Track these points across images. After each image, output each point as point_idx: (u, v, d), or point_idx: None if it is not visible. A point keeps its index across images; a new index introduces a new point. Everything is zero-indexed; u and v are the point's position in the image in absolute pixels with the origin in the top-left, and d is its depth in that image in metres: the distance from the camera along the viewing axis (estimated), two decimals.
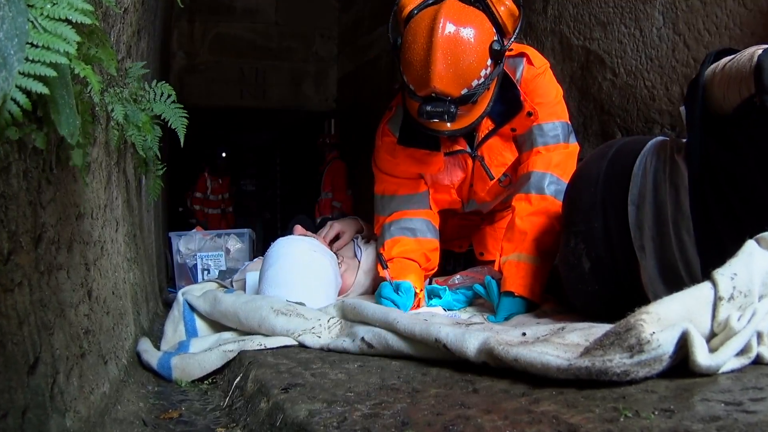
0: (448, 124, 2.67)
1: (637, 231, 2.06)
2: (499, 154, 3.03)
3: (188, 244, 4.79)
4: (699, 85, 1.95)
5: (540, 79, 2.92)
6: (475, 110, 2.72)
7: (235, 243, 4.86)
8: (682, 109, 2.11)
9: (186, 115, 2.13)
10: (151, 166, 2.55)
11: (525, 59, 2.91)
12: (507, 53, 2.72)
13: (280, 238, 3.09)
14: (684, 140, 2.05)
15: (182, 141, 2.13)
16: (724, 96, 1.87)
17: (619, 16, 4.01)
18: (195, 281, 4.50)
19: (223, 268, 4.70)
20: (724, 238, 1.86)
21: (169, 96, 2.14)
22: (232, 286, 3.13)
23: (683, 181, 1.98)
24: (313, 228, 3.76)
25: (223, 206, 11.85)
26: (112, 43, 2.03)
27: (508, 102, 2.85)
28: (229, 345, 2.26)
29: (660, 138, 2.19)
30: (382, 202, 3.21)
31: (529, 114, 2.86)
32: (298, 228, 3.31)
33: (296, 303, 2.47)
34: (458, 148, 2.99)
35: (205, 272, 4.70)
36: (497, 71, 2.64)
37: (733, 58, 1.89)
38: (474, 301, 2.89)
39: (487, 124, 2.93)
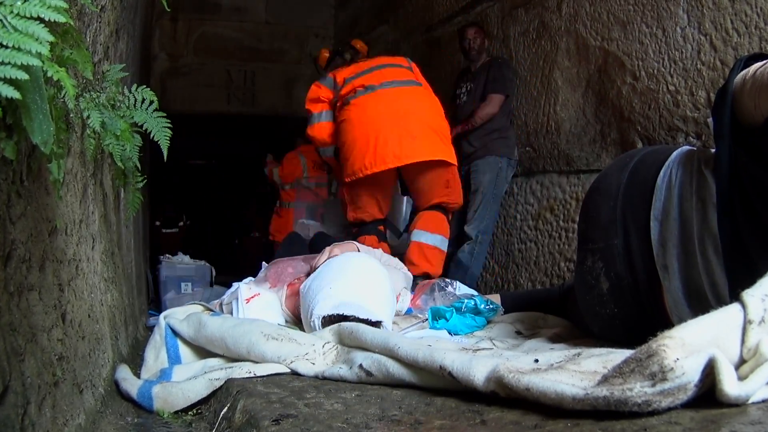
0: None
1: (660, 249, 2.07)
2: None
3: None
4: (728, 93, 1.95)
5: None
6: None
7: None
8: (710, 120, 2.12)
9: (169, 125, 2.13)
10: (130, 177, 2.55)
11: None
12: None
13: (343, 255, 3.22)
14: (712, 151, 2.06)
15: (165, 155, 2.12)
16: (755, 105, 1.87)
17: (640, 15, 4.03)
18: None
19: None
20: (753, 256, 1.87)
21: (150, 103, 2.15)
22: (221, 309, 3.14)
23: (711, 195, 1.98)
24: (304, 247, 3.82)
25: None
26: (88, 44, 2.04)
27: None
28: (216, 373, 2.26)
29: (686, 148, 2.19)
30: None
31: None
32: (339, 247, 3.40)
33: (286, 327, 2.49)
34: None
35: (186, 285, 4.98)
36: None
37: (764, 64, 1.89)
38: (483, 325, 2.90)
39: None
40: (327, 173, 7.46)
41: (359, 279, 2.88)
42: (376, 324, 2.56)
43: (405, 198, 5.32)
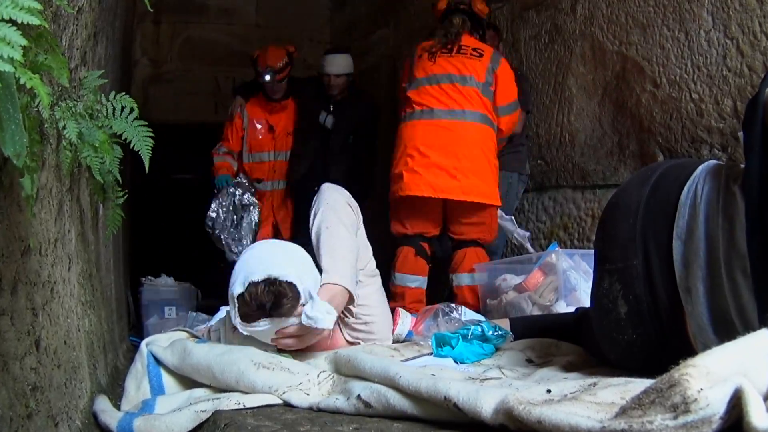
0: None
1: (683, 270, 2.07)
2: None
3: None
4: (759, 104, 1.95)
5: None
6: None
7: None
8: (740, 133, 2.12)
9: (151, 134, 2.13)
10: (109, 193, 2.55)
11: None
12: None
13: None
14: (742, 166, 2.06)
15: (147, 165, 2.13)
16: None
17: (661, 17, 4.04)
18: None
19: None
20: None
21: (131, 111, 2.15)
22: (208, 336, 3.13)
23: (739, 213, 1.98)
24: None
25: None
26: (64, 49, 2.05)
27: None
28: (202, 404, 2.25)
29: (713, 162, 2.19)
30: None
31: None
32: None
33: (280, 354, 2.47)
34: None
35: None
36: None
37: None
38: (492, 353, 2.90)
39: None
40: None
41: (267, 251, 2.84)
42: (291, 285, 2.50)
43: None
